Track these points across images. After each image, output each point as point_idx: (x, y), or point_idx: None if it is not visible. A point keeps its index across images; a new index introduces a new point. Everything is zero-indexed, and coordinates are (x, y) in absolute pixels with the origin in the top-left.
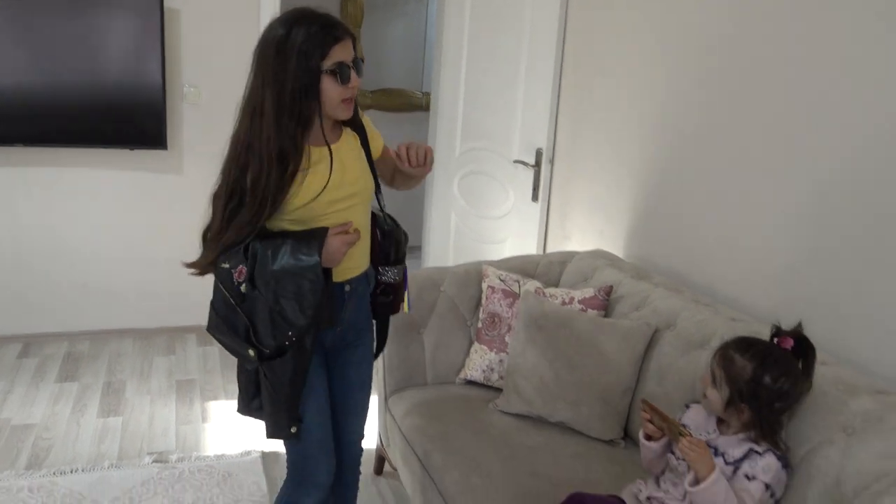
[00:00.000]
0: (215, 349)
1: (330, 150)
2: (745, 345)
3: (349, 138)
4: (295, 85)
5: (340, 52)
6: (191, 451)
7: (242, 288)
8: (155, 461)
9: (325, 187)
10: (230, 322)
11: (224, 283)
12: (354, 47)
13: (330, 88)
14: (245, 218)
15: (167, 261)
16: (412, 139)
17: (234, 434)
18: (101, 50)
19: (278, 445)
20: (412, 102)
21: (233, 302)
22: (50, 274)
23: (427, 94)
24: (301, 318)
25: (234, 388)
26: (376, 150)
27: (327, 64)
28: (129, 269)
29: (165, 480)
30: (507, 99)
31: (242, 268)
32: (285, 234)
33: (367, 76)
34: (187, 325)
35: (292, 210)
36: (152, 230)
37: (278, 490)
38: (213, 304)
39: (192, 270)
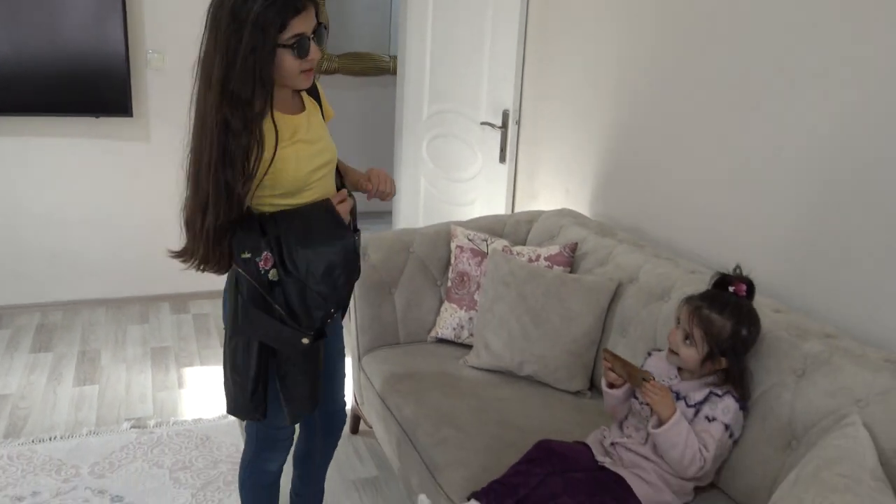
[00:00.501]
0: (189, 317)
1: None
2: (718, 304)
3: (311, 106)
4: (247, 58)
5: (301, 24)
6: (168, 417)
7: (271, 275)
8: (133, 427)
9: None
10: (266, 312)
11: (251, 274)
12: (318, 14)
13: (287, 62)
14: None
15: (137, 228)
16: (380, 102)
17: (211, 399)
18: (62, 17)
19: None
20: (379, 66)
21: (262, 292)
22: (18, 245)
23: (394, 58)
24: (343, 292)
25: (210, 353)
26: (328, 115)
27: (285, 37)
28: (99, 238)
29: (144, 445)
30: (473, 61)
31: (267, 254)
32: (295, 214)
33: (333, 40)
34: (160, 293)
35: (286, 182)
36: (120, 198)
37: None
38: (238, 303)
39: (187, 263)
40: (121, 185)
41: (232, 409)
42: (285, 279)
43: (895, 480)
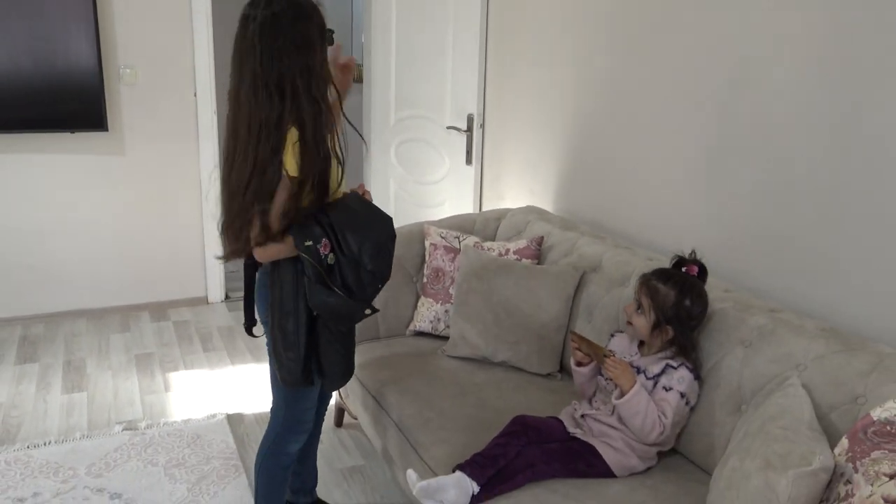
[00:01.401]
0: (169, 324)
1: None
2: (665, 276)
3: None
4: (322, 59)
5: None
6: (158, 418)
7: (329, 259)
8: (125, 429)
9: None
10: (328, 290)
11: (313, 258)
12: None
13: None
14: (313, 197)
15: (114, 240)
16: (347, 110)
17: (198, 400)
18: (36, 35)
19: (242, 406)
20: None
21: (323, 274)
22: None
23: (359, 66)
24: (388, 270)
25: (193, 358)
26: None
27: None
28: (77, 250)
29: (137, 445)
30: (437, 67)
31: (326, 241)
32: (341, 205)
33: None
34: (139, 302)
35: (334, 180)
36: (97, 211)
37: (247, 447)
38: (287, 291)
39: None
40: (97, 198)
41: (290, 381)
42: (342, 261)
43: (830, 431)
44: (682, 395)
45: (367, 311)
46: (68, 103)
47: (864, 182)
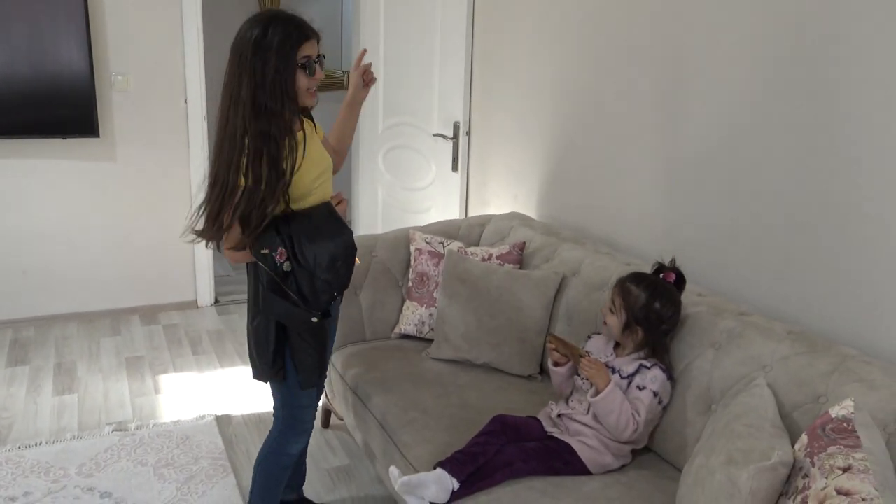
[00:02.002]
0: (159, 328)
1: (308, 128)
2: (639, 278)
3: (306, 123)
4: (274, 77)
5: (309, 49)
6: (148, 420)
7: (285, 267)
8: (115, 430)
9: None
10: (282, 296)
11: (268, 265)
12: (318, 46)
13: (300, 80)
14: (263, 198)
15: (105, 244)
16: (336, 116)
17: (187, 402)
18: (28, 42)
19: (231, 408)
20: (334, 81)
21: (278, 280)
22: None
23: (348, 73)
24: (344, 278)
25: (183, 361)
26: (319, 133)
27: (298, 57)
28: (68, 254)
29: (128, 446)
30: (424, 76)
31: (282, 250)
32: (303, 215)
33: None
34: (130, 306)
35: (298, 187)
36: (88, 216)
37: (235, 447)
38: (259, 290)
39: (197, 239)
40: (89, 203)
41: (258, 375)
42: (297, 269)
43: (793, 429)
44: (656, 394)
45: (314, 319)
46: (60, 109)
47: (828, 186)
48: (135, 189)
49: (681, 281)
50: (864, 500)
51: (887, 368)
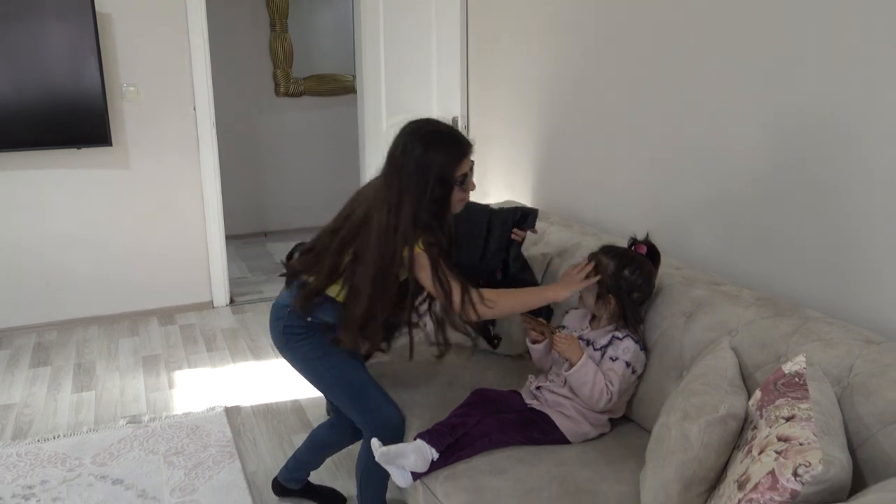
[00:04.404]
0: (176, 328)
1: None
2: (609, 250)
3: None
4: (433, 197)
5: (465, 165)
6: (161, 413)
7: None
8: (129, 423)
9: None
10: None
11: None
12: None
13: (455, 194)
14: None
15: (123, 249)
16: (345, 120)
17: (199, 396)
18: (41, 57)
19: (239, 399)
20: (345, 86)
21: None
22: (13, 272)
23: (353, 77)
24: None
25: (197, 358)
26: None
27: (456, 175)
28: (88, 260)
29: (140, 437)
30: (423, 74)
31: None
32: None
33: (299, 65)
34: (148, 308)
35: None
36: (105, 223)
37: (242, 436)
38: None
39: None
40: (105, 210)
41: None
42: None
43: (755, 388)
44: (628, 365)
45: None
46: (74, 121)
47: (796, 162)
48: (149, 195)
49: (654, 254)
50: (801, 444)
51: (847, 328)
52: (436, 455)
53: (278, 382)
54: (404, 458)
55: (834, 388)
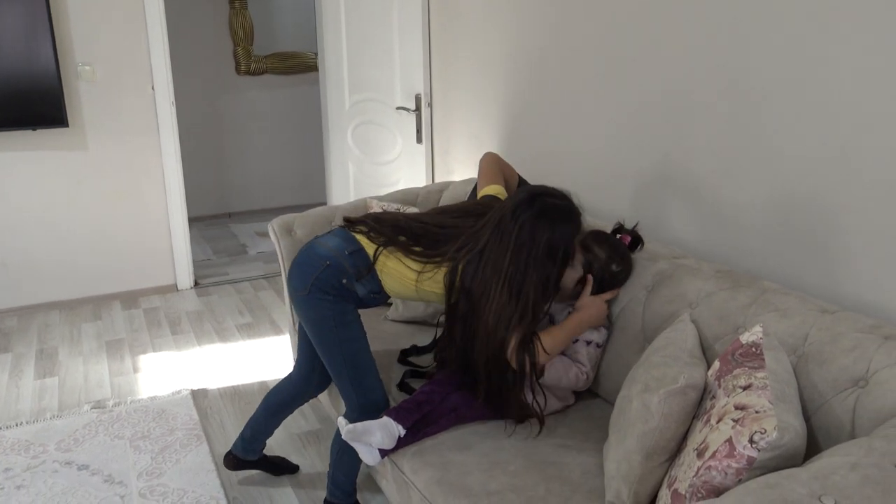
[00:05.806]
0: (140, 311)
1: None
2: (601, 238)
3: None
4: (552, 284)
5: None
6: (126, 397)
7: None
8: (93, 408)
9: None
10: None
11: None
12: None
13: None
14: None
15: (84, 233)
16: (312, 98)
17: (165, 379)
18: None
19: (205, 382)
20: (307, 64)
21: None
22: None
23: (314, 54)
24: None
25: (161, 341)
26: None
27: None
28: (48, 244)
29: (105, 422)
30: (385, 51)
31: None
32: None
33: (260, 42)
34: (110, 292)
35: None
36: (65, 205)
37: (209, 419)
38: None
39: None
40: (64, 193)
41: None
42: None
43: (714, 360)
44: (589, 343)
45: None
46: (29, 102)
47: (753, 133)
48: (108, 176)
49: (636, 244)
50: (757, 412)
51: (803, 298)
52: (403, 431)
53: (244, 364)
54: (371, 436)
55: (790, 356)
